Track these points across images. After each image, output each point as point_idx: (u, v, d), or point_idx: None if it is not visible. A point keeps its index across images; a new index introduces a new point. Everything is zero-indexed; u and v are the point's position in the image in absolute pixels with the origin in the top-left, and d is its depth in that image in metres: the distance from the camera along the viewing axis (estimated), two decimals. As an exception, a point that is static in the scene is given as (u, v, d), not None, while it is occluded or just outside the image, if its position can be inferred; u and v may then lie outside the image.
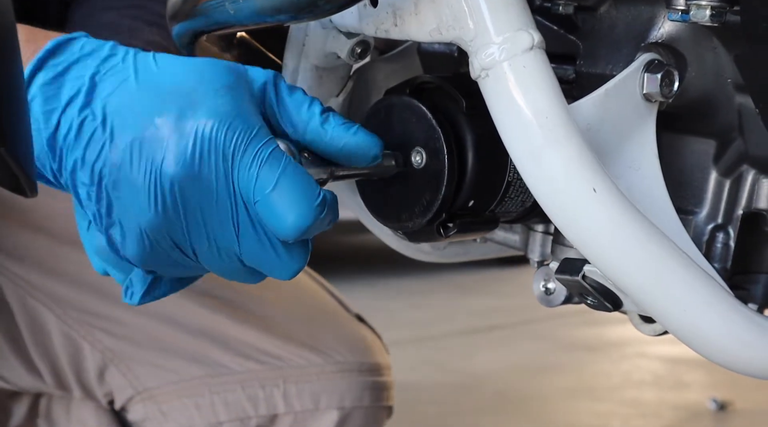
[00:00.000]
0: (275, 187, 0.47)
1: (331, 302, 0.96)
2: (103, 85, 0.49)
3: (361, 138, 0.51)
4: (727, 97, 0.52)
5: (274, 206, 0.48)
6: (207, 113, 0.47)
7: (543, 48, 0.46)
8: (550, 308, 0.61)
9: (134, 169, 0.48)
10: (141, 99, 0.48)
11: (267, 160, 0.47)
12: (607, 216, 0.46)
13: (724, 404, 2.16)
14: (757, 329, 0.50)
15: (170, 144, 0.47)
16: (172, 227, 0.48)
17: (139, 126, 0.48)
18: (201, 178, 0.47)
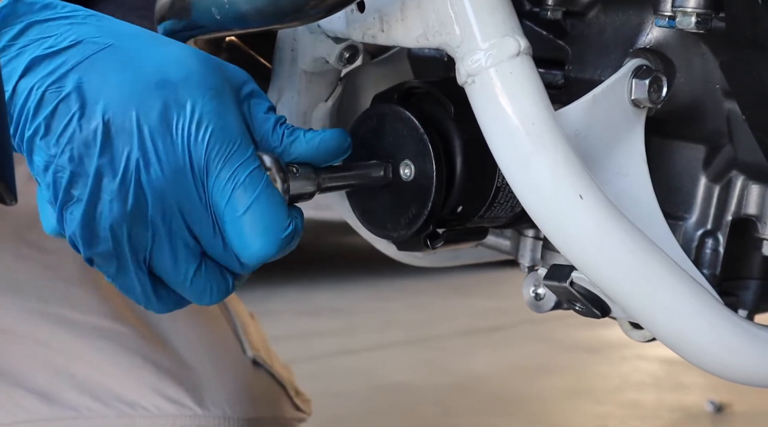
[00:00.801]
0: (246, 212, 0.47)
1: (229, 341, 0.86)
2: (73, 51, 0.46)
3: (330, 133, 0.51)
4: (715, 103, 0.51)
5: (242, 231, 0.47)
6: (192, 118, 0.46)
7: (530, 54, 0.46)
8: (539, 313, 0.61)
9: (108, 157, 0.46)
10: (123, 80, 0.46)
11: (243, 181, 0.47)
12: (594, 223, 0.46)
13: (722, 406, 2.16)
14: (745, 336, 0.49)
15: (153, 144, 0.46)
16: (135, 224, 0.47)
17: (118, 110, 0.46)
18: (178, 184, 0.46)
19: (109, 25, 0.48)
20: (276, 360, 0.90)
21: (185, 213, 0.48)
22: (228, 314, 0.87)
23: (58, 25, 0.47)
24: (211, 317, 0.86)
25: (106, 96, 0.46)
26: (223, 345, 0.84)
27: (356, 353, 2.49)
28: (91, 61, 0.46)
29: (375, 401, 2.19)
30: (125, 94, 0.46)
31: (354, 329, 2.70)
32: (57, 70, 0.46)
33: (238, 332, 0.86)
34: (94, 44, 0.47)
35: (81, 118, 0.46)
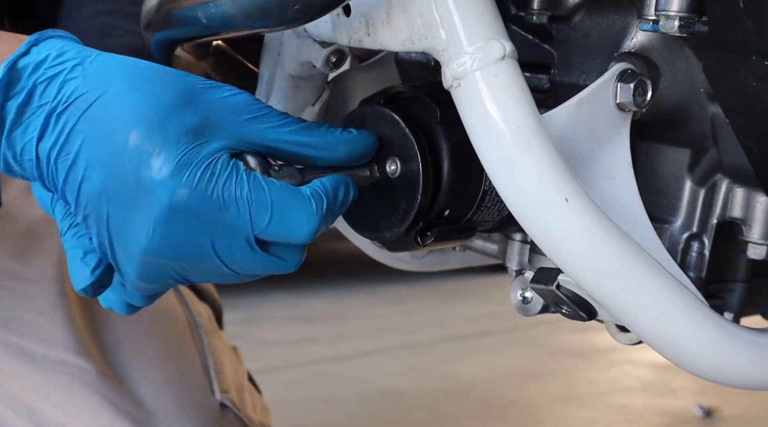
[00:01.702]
0: (270, 220, 0.48)
1: (197, 381, 0.83)
2: (68, 114, 0.49)
3: (358, 141, 0.53)
4: (700, 107, 0.52)
5: (278, 233, 0.49)
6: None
7: (515, 58, 0.46)
8: (527, 317, 0.61)
9: (116, 223, 0.48)
10: (108, 143, 0.48)
11: (251, 190, 0.48)
12: (579, 226, 0.46)
13: (711, 411, 2.16)
14: (730, 338, 0.50)
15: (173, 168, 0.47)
16: (181, 243, 0.48)
17: (108, 174, 0.48)
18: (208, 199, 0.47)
19: (95, 73, 0.49)
20: (252, 400, 0.88)
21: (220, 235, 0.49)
22: (202, 350, 0.86)
23: (52, 88, 0.49)
24: (182, 353, 0.84)
25: (97, 159, 0.48)
26: (189, 386, 0.82)
27: (348, 359, 2.49)
28: (83, 122, 0.49)
29: (367, 406, 2.19)
30: (108, 155, 0.48)
31: (345, 335, 2.69)
32: (60, 138, 0.49)
33: (210, 371, 0.84)
34: (84, 102, 0.49)
35: (86, 185, 0.49)
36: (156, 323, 0.84)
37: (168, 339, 0.83)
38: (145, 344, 0.82)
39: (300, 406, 2.14)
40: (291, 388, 2.24)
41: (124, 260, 0.50)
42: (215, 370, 0.84)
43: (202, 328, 0.86)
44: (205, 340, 0.86)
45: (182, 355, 0.84)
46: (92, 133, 0.48)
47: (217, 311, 0.93)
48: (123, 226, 0.49)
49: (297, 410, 2.11)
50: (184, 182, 0.47)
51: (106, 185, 0.48)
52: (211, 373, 0.84)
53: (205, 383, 0.83)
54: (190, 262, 0.49)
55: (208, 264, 0.49)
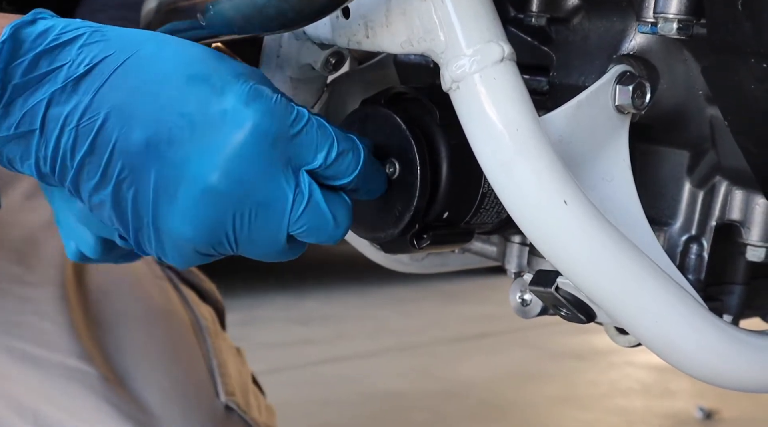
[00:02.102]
0: (328, 157, 0.48)
1: (202, 384, 0.82)
2: (92, 78, 0.44)
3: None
4: (698, 109, 0.52)
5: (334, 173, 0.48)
6: (236, 100, 0.45)
7: (514, 60, 0.46)
8: (526, 319, 0.61)
9: (165, 177, 0.44)
10: (151, 93, 0.44)
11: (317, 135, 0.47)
12: (578, 228, 0.46)
13: (711, 413, 2.16)
14: (729, 341, 0.50)
15: (205, 147, 0.44)
16: (215, 237, 0.46)
17: (153, 125, 0.44)
18: (246, 181, 0.45)
19: (118, 37, 0.46)
20: (256, 402, 0.87)
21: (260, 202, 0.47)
22: (206, 353, 0.84)
23: (67, 52, 0.45)
24: (186, 356, 0.83)
25: (140, 114, 0.45)
26: (194, 389, 0.81)
27: (346, 361, 2.49)
28: (114, 81, 0.45)
29: (365, 408, 2.19)
30: (159, 105, 0.45)
31: (344, 337, 2.69)
32: (81, 103, 0.44)
33: (214, 374, 0.83)
34: (111, 63, 0.45)
35: (122, 144, 0.44)
36: (159, 326, 0.83)
37: (171, 342, 0.82)
38: (148, 346, 0.81)
39: (299, 407, 2.14)
40: (290, 389, 2.24)
41: (172, 215, 0.45)
42: (220, 372, 0.83)
43: (205, 329, 0.86)
44: (209, 341, 0.85)
45: (186, 357, 0.83)
46: (128, 90, 0.44)
47: (220, 312, 0.93)
48: (177, 175, 0.44)
49: (296, 411, 2.10)
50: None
51: (154, 139, 0.44)
52: (215, 375, 0.83)
53: (209, 386, 0.82)
54: (257, 203, 0.46)
55: (274, 208, 0.46)
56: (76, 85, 0.45)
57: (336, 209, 0.49)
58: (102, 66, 0.45)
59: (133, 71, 0.45)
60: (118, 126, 0.44)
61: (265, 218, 0.47)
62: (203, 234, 0.46)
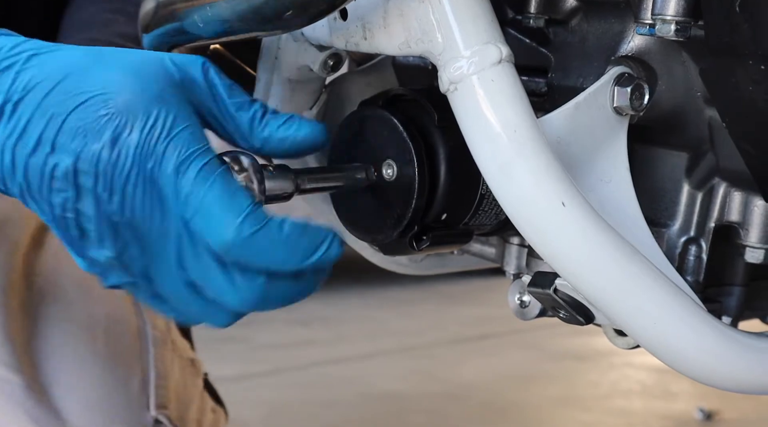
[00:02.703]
0: (201, 205, 0.48)
1: (132, 395, 0.80)
2: (25, 103, 0.48)
3: (305, 132, 0.51)
4: (697, 111, 0.52)
5: (206, 221, 0.48)
6: (140, 134, 0.47)
7: (512, 61, 0.46)
8: (525, 320, 0.61)
9: (82, 194, 0.48)
10: (73, 120, 0.48)
11: (196, 177, 0.48)
12: (576, 230, 0.46)
13: (711, 414, 2.16)
14: (728, 342, 0.50)
15: (106, 175, 0.48)
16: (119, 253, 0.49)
17: (81, 153, 0.48)
18: (137, 209, 0.48)
19: (52, 62, 0.49)
20: (199, 415, 0.86)
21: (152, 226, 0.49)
22: (146, 363, 0.83)
23: (6, 77, 0.49)
24: (123, 366, 0.81)
25: (61, 141, 0.48)
26: (122, 400, 0.79)
27: (346, 362, 2.49)
28: (43, 109, 0.48)
29: (365, 409, 2.18)
30: (75, 133, 0.48)
31: (344, 338, 2.69)
32: (17, 128, 0.48)
33: (149, 385, 0.81)
34: (41, 90, 0.48)
35: (51, 169, 0.48)
36: (100, 333, 0.81)
37: (110, 350, 0.81)
38: (82, 356, 0.80)
39: (299, 408, 2.14)
40: (290, 390, 2.24)
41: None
42: (156, 384, 0.82)
43: (150, 339, 0.84)
44: (152, 351, 0.84)
45: (122, 368, 0.81)
46: (51, 118, 0.48)
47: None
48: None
49: (296, 412, 2.10)
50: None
51: (79, 167, 0.48)
52: (150, 387, 0.82)
53: (140, 399, 0.81)
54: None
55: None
56: (13, 111, 0.48)
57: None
58: (34, 93, 0.48)
59: (63, 98, 0.48)
60: (45, 154, 0.48)
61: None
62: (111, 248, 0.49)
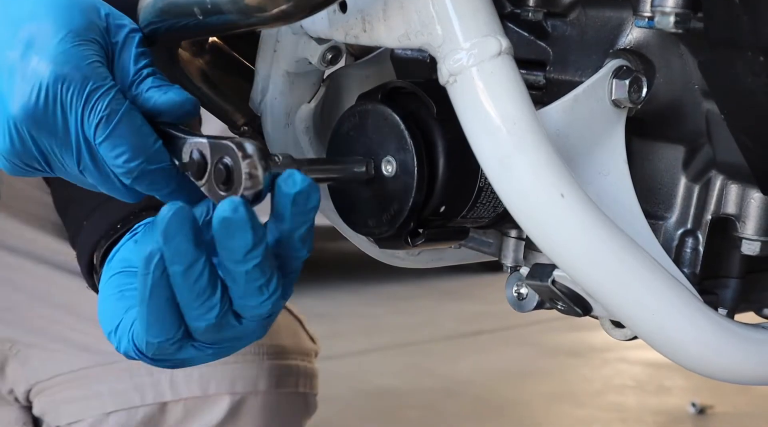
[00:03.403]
0: (109, 135, 0.51)
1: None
2: None
3: (171, 98, 0.53)
4: (694, 104, 0.52)
5: (111, 152, 0.51)
6: (48, 59, 0.50)
7: (511, 54, 0.46)
8: (522, 313, 0.61)
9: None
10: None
11: (103, 110, 0.50)
12: (574, 221, 0.47)
13: (704, 408, 2.17)
14: (724, 333, 0.50)
15: (14, 84, 0.50)
16: (26, 155, 0.52)
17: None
18: (43, 120, 0.50)
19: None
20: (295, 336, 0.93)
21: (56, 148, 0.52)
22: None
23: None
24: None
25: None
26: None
27: (342, 358, 2.49)
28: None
29: (360, 405, 2.19)
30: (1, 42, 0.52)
31: (339, 334, 2.69)
32: None
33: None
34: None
35: None
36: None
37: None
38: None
39: (294, 404, 2.13)
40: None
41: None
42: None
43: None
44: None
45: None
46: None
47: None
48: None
49: (291, 408, 2.10)
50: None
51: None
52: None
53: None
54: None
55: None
56: None
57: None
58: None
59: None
60: None
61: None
62: (13, 149, 0.52)
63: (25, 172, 0.54)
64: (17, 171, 0.54)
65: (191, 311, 0.50)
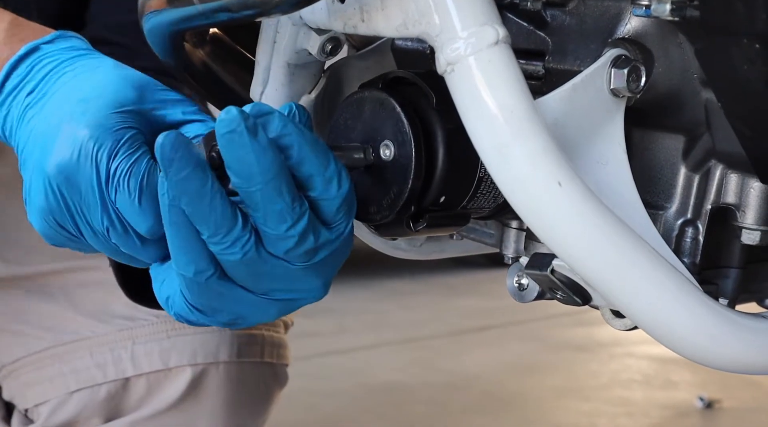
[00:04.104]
0: (134, 198, 0.53)
1: None
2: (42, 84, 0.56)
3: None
4: (693, 93, 0.52)
5: (133, 214, 0.53)
6: (85, 124, 0.53)
7: (508, 43, 0.47)
8: (523, 303, 0.61)
9: (31, 158, 0.55)
10: (57, 101, 0.55)
11: (126, 173, 0.53)
12: (572, 210, 0.47)
13: (711, 403, 2.17)
14: (724, 323, 0.50)
15: (54, 145, 0.54)
16: (58, 213, 0.54)
17: (44, 122, 0.55)
18: (75, 179, 0.53)
19: (47, 72, 0.57)
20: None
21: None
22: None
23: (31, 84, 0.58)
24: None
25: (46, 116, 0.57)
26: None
27: (348, 353, 2.50)
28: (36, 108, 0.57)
29: (367, 399, 2.19)
30: (55, 112, 0.56)
31: (346, 330, 2.70)
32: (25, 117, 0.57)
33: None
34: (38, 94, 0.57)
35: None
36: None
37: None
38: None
39: (302, 399, 2.14)
40: (292, 381, 2.23)
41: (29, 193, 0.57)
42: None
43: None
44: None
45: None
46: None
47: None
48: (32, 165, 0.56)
49: (299, 402, 2.11)
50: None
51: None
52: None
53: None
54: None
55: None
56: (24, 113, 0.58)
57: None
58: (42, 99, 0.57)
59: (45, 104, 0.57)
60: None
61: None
62: (47, 206, 0.55)
63: (57, 234, 0.55)
64: (51, 232, 0.55)
65: (215, 244, 0.49)
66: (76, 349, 0.86)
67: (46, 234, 0.56)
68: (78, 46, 0.58)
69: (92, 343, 0.86)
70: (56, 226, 0.55)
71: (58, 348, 0.86)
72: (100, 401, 0.86)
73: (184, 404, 0.86)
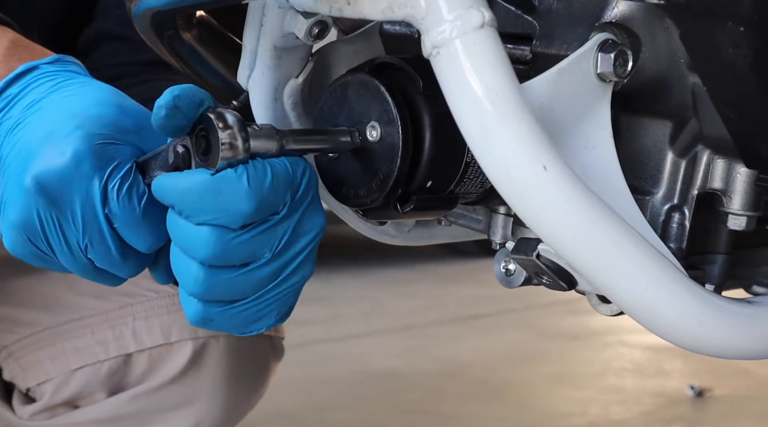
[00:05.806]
0: (137, 215, 0.53)
1: None
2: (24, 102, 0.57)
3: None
4: (680, 78, 0.52)
5: (133, 230, 0.54)
6: (78, 138, 0.53)
7: (494, 26, 0.46)
8: (510, 288, 0.61)
9: (11, 168, 0.54)
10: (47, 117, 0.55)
11: (127, 190, 0.53)
12: (557, 194, 0.46)
13: (702, 391, 2.18)
14: (709, 308, 0.50)
15: (39, 157, 0.54)
16: (29, 228, 0.54)
17: (30, 133, 0.54)
18: (58, 193, 0.53)
19: (43, 89, 0.57)
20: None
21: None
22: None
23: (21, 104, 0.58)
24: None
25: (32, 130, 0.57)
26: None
27: (343, 341, 2.50)
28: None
29: (362, 387, 2.20)
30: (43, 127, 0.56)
31: (341, 317, 2.70)
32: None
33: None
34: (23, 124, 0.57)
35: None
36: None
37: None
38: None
39: (297, 385, 2.15)
40: (287, 368, 2.24)
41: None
42: None
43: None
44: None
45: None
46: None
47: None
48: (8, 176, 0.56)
49: (293, 389, 2.12)
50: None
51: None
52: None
53: None
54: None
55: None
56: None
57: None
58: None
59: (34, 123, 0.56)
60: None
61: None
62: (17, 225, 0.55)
63: (25, 249, 0.55)
64: (19, 247, 0.55)
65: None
66: (76, 327, 0.87)
67: (15, 246, 0.55)
68: (75, 70, 0.59)
69: (93, 321, 0.87)
70: (26, 241, 0.55)
71: (60, 327, 0.87)
72: (102, 377, 0.87)
73: (186, 377, 0.87)
